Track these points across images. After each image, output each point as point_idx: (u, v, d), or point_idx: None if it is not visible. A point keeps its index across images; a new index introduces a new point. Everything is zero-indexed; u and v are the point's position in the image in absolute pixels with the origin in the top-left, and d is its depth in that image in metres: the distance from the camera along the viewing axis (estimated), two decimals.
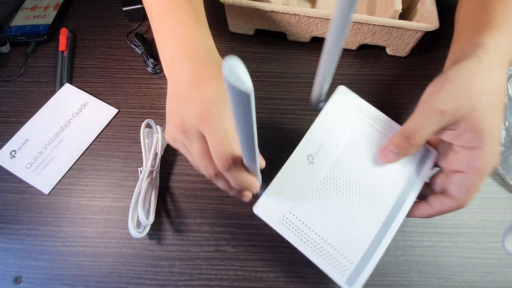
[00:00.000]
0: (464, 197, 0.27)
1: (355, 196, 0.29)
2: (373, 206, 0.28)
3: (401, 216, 0.28)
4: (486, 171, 0.26)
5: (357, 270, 0.27)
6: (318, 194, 0.29)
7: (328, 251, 0.28)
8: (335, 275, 0.27)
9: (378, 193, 0.29)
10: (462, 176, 0.27)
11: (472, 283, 0.32)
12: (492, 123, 0.27)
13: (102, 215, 0.35)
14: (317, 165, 0.30)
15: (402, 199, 0.29)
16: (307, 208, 0.29)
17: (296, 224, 0.29)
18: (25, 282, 0.32)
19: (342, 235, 0.28)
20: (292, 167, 0.30)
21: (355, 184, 0.29)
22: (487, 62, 0.28)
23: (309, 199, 0.29)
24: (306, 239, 0.28)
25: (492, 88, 0.28)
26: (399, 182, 0.29)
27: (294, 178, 0.30)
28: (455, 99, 0.27)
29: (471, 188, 0.27)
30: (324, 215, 0.29)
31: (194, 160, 0.28)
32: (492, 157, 0.26)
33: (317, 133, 0.31)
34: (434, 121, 0.27)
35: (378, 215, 0.28)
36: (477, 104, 0.26)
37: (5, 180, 0.37)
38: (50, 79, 0.45)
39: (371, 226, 0.28)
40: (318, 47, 0.46)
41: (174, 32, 0.31)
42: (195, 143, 0.27)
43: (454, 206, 0.27)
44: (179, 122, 0.27)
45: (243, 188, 0.27)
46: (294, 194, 0.29)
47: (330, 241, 0.28)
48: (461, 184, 0.27)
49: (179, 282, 0.32)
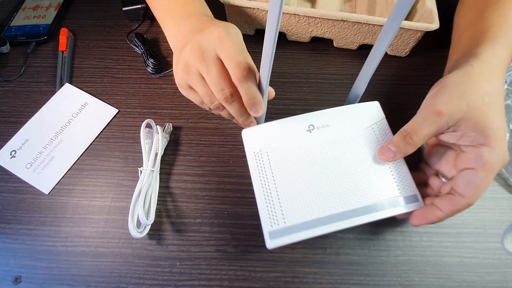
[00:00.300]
0: (473, 193, 0.27)
1: (328, 178, 0.31)
2: (339, 195, 0.30)
3: (358, 220, 0.29)
4: (495, 167, 0.27)
5: (284, 231, 0.28)
6: (298, 155, 0.32)
7: (273, 201, 0.30)
8: (265, 223, 0.29)
9: (350, 189, 0.30)
10: (471, 172, 0.27)
11: (472, 283, 0.32)
12: (494, 121, 0.27)
13: (102, 215, 0.35)
14: (312, 135, 0.33)
15: (367, 209, 0.29)
16: (281, 159, 0.31)
17: (264, 164, 0.31)
18: (25, 282, 0.32)
19: (293, 198, 0.30)
20: (292, 122, 0.33)
21: (335, 169, 0.31)
22: (482, 69, 0.29)
23: (287, 153, 0.32)
24: (263, 181, 0.31)
25: (490, 90, 0.28)
26: (374, 197, 0.30)
27: (287, 131, 0.33)
28: (451, 101, 0.28)
29: (480, 183, 0.27)
30: (291, 173, 0.31)
31: (205, 91, 0.31)
32: (500, 153, 0.27)
33: (330, 115, 0.34)
34: (431, 122, 0.28)
35: (338, 205, 0.29)
36: (475, 104, 0.27)
37: (5, 180, 0.37)
38: (50, 79, 0.45)
39: (325, 209, 0.29)
40: (318, 47, 0.46)
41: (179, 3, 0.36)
42: (212, 66, 0.29)
43: (463, 203, 0.27)
44: (196, 46, 0.29)
45: (253, 102, 0.29)
46: (280, 142, 0.32)
47: (281, 195, 0.30)
48: (469, 180, 0.27)
49: (179, 282, 0.32)
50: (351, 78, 0.44)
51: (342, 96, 0.42)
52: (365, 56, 0.45)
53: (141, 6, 0.47)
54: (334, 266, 0.32)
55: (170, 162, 0.38)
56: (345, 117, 0.34)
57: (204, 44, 0.29)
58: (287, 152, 0.32)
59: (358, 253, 0.33)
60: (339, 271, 0.32)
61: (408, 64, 0.44)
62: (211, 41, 0.29)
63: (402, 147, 0.29)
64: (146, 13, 0.48)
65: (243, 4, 0.41)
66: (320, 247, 0.33)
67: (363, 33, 0.42)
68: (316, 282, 0.32)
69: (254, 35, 0.47)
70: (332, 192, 0.30)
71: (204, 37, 0.29)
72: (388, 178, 0.31)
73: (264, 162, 0.32)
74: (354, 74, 0.44)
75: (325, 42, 0.46)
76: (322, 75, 0.44)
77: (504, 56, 0.31)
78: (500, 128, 0.28)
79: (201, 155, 0.38)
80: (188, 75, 0.31)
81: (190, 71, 0.30)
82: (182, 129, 0.40)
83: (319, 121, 0.34)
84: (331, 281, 0.32)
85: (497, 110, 0.28)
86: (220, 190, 0.36)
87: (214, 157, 0.38)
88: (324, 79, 0.44)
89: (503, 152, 0.27)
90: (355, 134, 0.33)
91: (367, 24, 0.40)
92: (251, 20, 0.44)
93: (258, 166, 0.31)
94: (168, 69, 0.44)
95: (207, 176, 0.37)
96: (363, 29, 0.41)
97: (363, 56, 0.46)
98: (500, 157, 0.27)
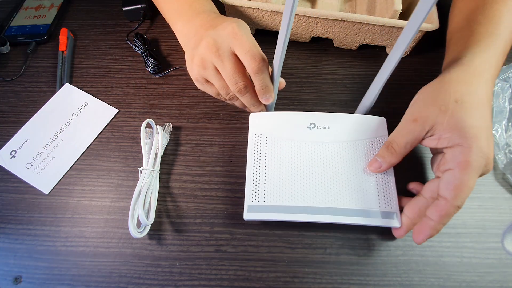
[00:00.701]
0: (454, 193, 0.26)
1: (313, 173, 0.33)
2: (320, 192, 0.32)
3: (330, 218, 0.31)
4: (473, 165, 0.26)
5: (262, 208, 0.32)
6: (293, 147, 0.34)
7: (259, 181, 0.33)
8: (247, 197, 0.32)
9: (332, 189, 0.32)
10: (449, 173, 0.27)
11: (472, 283, 0.32)
12: (468, 120, 0.27)
13: (102, 215, 0.35)
14: (311, 133, 0.35)
15: (342, 211, 0.31)
16: (277, 146, 0.34)
17: (261, 147, 0.35)
18: (25, 282, 0.32)
19: (278, 183, 0.33)
20: (296, 116, 0.36)
21: (323, 168, 0.33)
22: (459, 74, 0.30)
23: (284, 143, 0.34)
24: (256, 161, 0.34)
25: (466, 92, 0.28)
26: (352, 203, 0.32)
27: (289, 123, 0.36)
28: (425, 108, 0.30)
29: (459, 183, 0.26)
30: (282, 161, 0.34)
31: (220, 84, 0.33)
32: (478, 151, 0.26)
33: (334, 119, 0.36)
34: (408, 130, 0.30)
35: (316, 200, 0.32)
36: (446, 108, 0.28)
37: (5, 180, 0.37)
38: (50, 79, 0.45)
39: (302, 199, 0.32)
40: (318, 47, 0.46)
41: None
42: (227, 60, 0.31)
43: (447, 206, 0.27)
44: (212, 42, 0.31)
45: (265, 91, 0.32)
46: (280, 131, 0.35)
47: (267, 177, 0.33)
48: (448, 181, 0.27)
49: (179, 282, 0.32)
50: (351, 78, 0.44)
51: (342, 96, 0.42)
52: (365, 56, 0.46)
53: (141, 6, 0.47)
54: (334, 266, 0.32)
55: (170, 162, 0.38)
56: (348, 124, 0.35)
57: (219, 40, 0.31)
58: (284, 142, 0.35)
59: (358, 253, 0.33)
60: (339, 271, 0.32)
61: (408, 64, 0.44)
62: (225, 36, 0.31)
63: (387, 157, 0.31)
64: (146, 13, 0.48)
65: (243, 4, 0.41)
66: (320, 247, 0.33)
67: (363, 33, 0.42)
68: (316, 282, 0.32)
69: (254, 35, 0.46)
70: (314, 187, 0.32)
71: (218, 33, 0.31)
72: (371, 189, 0.32)
73: (261, 145, 0.35)
74: (354, 74, 0.44)
75: (325, 42, 0.46)
76: (322, 75, 0.44)
77: (489, 57, 0.31)
78: (476, 127, 0.27)
79: (201, 155, 0.38)
80: (204, 70, 0.33)
81: (207, 66, 0.32)
82: (182, 129, 0.40)
83: (321, 122, 0.35)
84: (331, 281, 0.32)
85: (473, 110, 0.28)
86: (220, 190, 0.36)
87: (214, 157, 0.38)
88: (324, 79, 0.44)
89: (482, 150, 0.27)
90: (352, 142, 0.34)
91: (367, 24, 0.40)
92: (251, 20, 0.44)
93: (255, 147, 0.35)
94: (168, 69, 0.44)
95: (207, 176, 0.37)
96: (363, 29, 0.41)
97: (363, 56, 0.46)
98: (478, 155, 0.26)
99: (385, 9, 0.41)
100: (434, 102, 0.29)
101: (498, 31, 0.32)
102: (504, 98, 0.38)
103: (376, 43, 0.44)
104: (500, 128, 0.37)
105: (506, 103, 0.38)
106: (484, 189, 0.36)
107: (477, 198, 0.35)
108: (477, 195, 0.36)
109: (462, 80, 0.30)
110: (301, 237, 0.34)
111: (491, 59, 0.31)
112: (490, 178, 0.37)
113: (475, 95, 0.29)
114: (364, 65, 0.45)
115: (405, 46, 0.26)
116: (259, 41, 0.33)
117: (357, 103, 0.37)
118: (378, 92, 0.33)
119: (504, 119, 0.37)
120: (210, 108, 0.41)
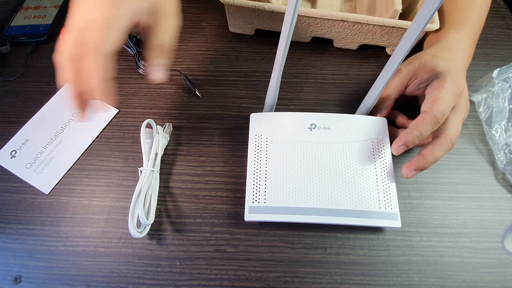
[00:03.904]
0: (431, 106, 0.31)
1: (314, 175, 0.33)
2: (320, 193, 0.32)
3: (330, 219, 0.31)
4: (445, 87, 0.31)
5: (263, 209, 0.32)
6: (293, 148, 0.34)
7: (260, 182, 0.33)
8: (248, 198, 0.32)
9: (332, 190, 0.32)
10: (427, 95, 0.33)
11: (472, 283, 0.32)
12: (445, 64, 0.33)
13: (102, 215, 0.35)
14: (311, 133, 0.35)
15: (342, 212, 0.32)
16: (277, 147, 0.34)
17: (262, 147, 0.35)
18: (25, 282, 0.32)
19: (278, 184, 0.33)
20: (296, 117, 0.36)
21: (323, 169, 0.33)
22: (438, 46, 0.36)
23: (284, 144, 0.35)
24: (257, 162, 0.34)
25: (441, 53, 0.35)
26: (352, 204, 0.32)
27: (290, 124, 0.36)
28: (408, 62, 0.35)
29: (434, 99, 0.31)
30: (282, 162, 0.34)
31: None
32: (451, 81, 0.32)
33: (334, 120, 0.36)
34: (395, 77, 0.35)
35: (316, 201, 0.32)
36: (425, 59, 0.34)
37: (5, 180, 0.37)
38: (50, 79, 0.45)
39: (303, 200, 0.32)
40: (318, 47, 0.46)
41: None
42: None
43: (426, 117, 0.30)
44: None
45: None
46: (280, 132, 0.35)
47: (268, 179, 0.33)
48: (426, 100, 0.32)
49: (179, 282, 0.32)
50: (351, 78, 0.44)
51: (342, 96, 0.42)
52: (365, 56, 0.46)
53: None
54: (334, 266, 0.32)
55: (170, 162, 0.38)
56: (349, 125, 0.35)
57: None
58: (284, 143, 0.35)
59: (358, 253, 0.33)
60: (339, 271, 0.32)
61: None
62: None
63: (383, 105, 0.36)
64: None
65: (243, 4, 0.41)
66: (320, 247, 0.33)
67: (363, 33, 0.42)
68: (316, 282, 0.32)
69: (254, 35, 0.47)
70: (314, 188, 0.32)
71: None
72: (372, 190, 0.32)
73: (262, 145, 0.35)
74: (354, 74, 0.44)
75: (325, 42, 0.46)
76: (322, 75, 0.44)
77: (463, 34, 0.38)
78: (450, 69, 0.33)
79: (201, 155, 0.38)
80: None
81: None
82: (182, 129, 0.40)
83: (322, 122, 0.35)
84: (331, 281, 0.32)
85: (448, 61, 0.34)
86: (220, 190, 0.36)
87: (214, 157, 0.38)
88: (324, 79, 0.44)
89: (455, 82, 0.32)
90: (353, 143, 0.34)
91: (367, 24, 0.40)
92: (251, 20, 0.44)
93: (256, 148, 0.35)
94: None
95: (207, 176, 0.37)
96: (363, 29, 0.41)
97: (363, 56, 0.46)
98: (451, 83, 0.32)
99: (385, 9, 0.41)
100: (415, 58, 0.35)
101: (467, 19, 0.39)
102: (504, 98, 0.38)
103: (376, 43, 0.44)
104: (500, 128, 0.37)
105: (506, 103, 0.38)
106: (484, 189, 0.36)
107: (477, 198, 0.35)
108: (477, 195, 0.36)
109: (440, 47, 0.36)
110: (301, 237, 0.34)
111: (468, 34, 0.38)
112: (490, 178, 0.37)
113: (450, 51, 0.35)
114: (364, 65, 0.45)
115: (409, 47, 0.27)
116: (258, 41, 0.33)
117: (356, 103, 0.37)
118: (380, 92, 0.33)
119: (504, 119, 0.37)
120: (210, 108, 0.42)
